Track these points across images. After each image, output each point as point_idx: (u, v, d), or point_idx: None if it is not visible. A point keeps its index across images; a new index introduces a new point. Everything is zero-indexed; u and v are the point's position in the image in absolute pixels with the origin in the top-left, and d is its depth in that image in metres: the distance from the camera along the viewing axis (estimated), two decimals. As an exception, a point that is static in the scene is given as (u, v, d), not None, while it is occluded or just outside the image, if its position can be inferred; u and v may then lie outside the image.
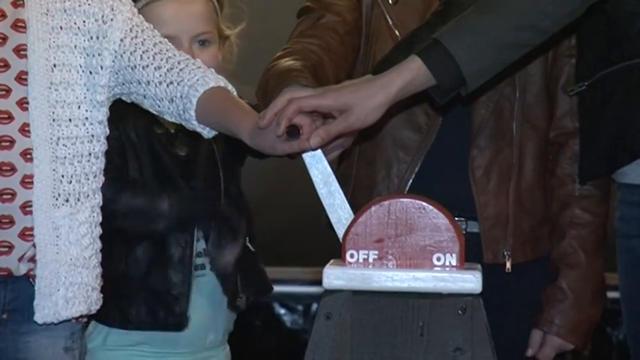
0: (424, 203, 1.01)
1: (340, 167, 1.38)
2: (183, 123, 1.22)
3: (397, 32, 1.34)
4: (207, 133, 1.21)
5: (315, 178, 1.08)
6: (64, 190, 1.19)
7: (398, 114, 1.31)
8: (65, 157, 1.20)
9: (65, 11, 1.24)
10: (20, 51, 1.20)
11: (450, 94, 1.14)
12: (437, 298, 1.02)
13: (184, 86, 1.18)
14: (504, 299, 1.37)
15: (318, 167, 1.09)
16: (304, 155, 1.07)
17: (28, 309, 1.19)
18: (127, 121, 1.39)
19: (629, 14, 1.23)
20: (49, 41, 1.22)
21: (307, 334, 1.09)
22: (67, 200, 1.20)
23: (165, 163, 1.41)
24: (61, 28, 1.23)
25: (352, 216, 1.05)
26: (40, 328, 1.19)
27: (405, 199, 1.02)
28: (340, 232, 1.04)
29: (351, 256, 1.03)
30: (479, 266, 1.02)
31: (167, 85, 1.20)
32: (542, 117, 1.39)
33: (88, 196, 1.23)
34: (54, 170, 1.18)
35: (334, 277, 1.02)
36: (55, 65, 1.21)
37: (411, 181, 1.36)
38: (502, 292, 1.36)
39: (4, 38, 1.20)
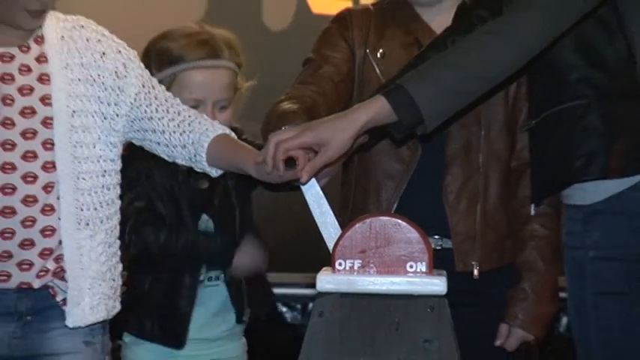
0: (399, 220, 1.17)
1: (341, 192, 1.57)
2: (193, 165, 1.38)
3: (384, 80, 1.52)
4: (215, 172, 1.38)
5: (309, 201, 1.25)
6: (84, 217, 1.35)
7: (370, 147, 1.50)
8: (85, 189, 1.35)
9: (82, 65, 1.38)
10: (45, 100, 1.34)
11: (408, 131, 1.30)
12: (410, 299, 1.16)
13: (195, 134, 1.35)
14: (475, 300, 1.54)
15: (312, 192, 1.25)
16: (301, 185, 1.24)
17: (48, 312, 1.35)
18: (149, 160, 1.54)
19: (569, 65, 1.39)
20: (69, 91, 1.35)
21: (304, 328, 1.26)
22: (88, 224, 1.35)
23: (187, 199, 1.60)
24: (79, 79, 1.37)
25: (340, 231, 1.20)
26: (60, 325, 1.35)
27: (384, 217, 1.18)
28: (330, 245, 1.20)
29: (340, 264, 1.18)
30: (444, 272, 1.18)
31: (180, 134, 1.36)
32: (505, 150, 1.57)
33: (102, 221, 1.38)
34: (76, 200, 1.34)
35: (326, 281, 1.18)
36: (74, 112, 1.35)
37: (396, 204, 1.53)
38: (472, 295, 1.54)
39: (31, 89, 1.34)
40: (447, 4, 1.57)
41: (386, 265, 1.18)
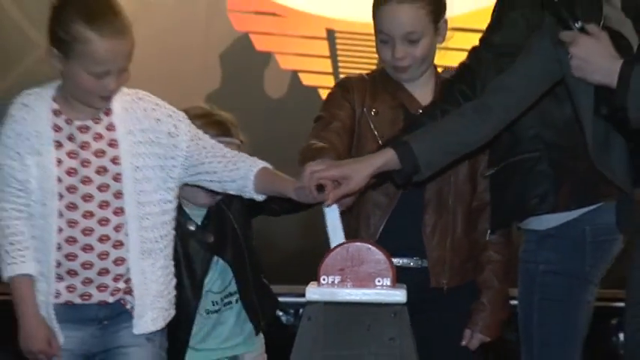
0: (370, 245, 1.48)
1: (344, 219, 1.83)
2: (242, 194, 1.68)
3: (376, 133, 1.85)
4: (261, 197, 1.67)
5: (328, 221, 1.56)
6: (147, 249, 1.64)
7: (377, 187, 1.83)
8: (148, 227, 1.64)
9: (142, 130, 1.65)
10: (115, 160, 1.62)
11: (408, 177, 1.65)
12: (378, 307, 1.46)
13: (242, 170, 1.65)
14: (444, 310, 1.87)
15: (332, 214, 1.56)
16: (324, 206, 1.56)
17: (120, 317, 1.65)
18: None
19: (526, 125, 1.78)
20: (133, 152, 1.64)
21: (296, 329, 1.55)
22: (150, 254, 1.65)
23: (196, 256, 1.88)
24: (140, 142, 1.65)
25: None
26: (128, 326, 1.66)
27: (358, 243, 1.49)
28: None
29: (324, 279, 1.47)
30: (405, 286, 1.48)
31: (229, 172, 1.66)
32: (468, 193, 1.90)
33: (161, 250, 1.67)
34: (141, 236, 1.63)
35: (313, 292, 1.47)
36: (137, 167, 1.63)
37: (381, 228, 1.84)
38: (442, 304, 1.87)
39: (103, 152, 1.62)
40: (423, 78, 1.90)
41: (359, 280, 1.48)
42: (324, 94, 3.20)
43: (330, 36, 3.78)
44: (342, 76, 3.60)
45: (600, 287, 1.85)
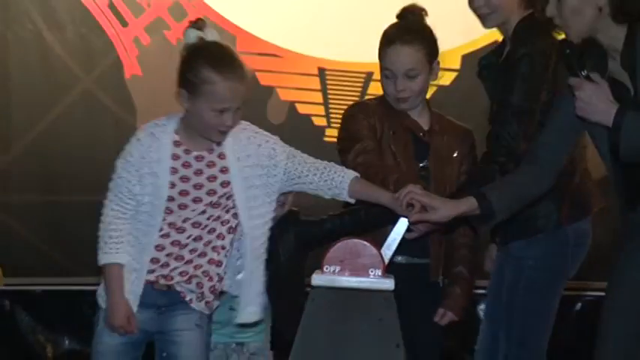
0: (364, 242, 1.79)
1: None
2: (336, 197, 2.00)
3: (394, 149, 2.18)
4: (353, 201, 2.00)
5: (393, 231, 1.92)
6: (257, 254, 1.98)
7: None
8: (256, 236, 1.97)
9: (249, 156, 1.95)
10: (224, 184, 1.93)
11: (483, 222, 2.01)
12: (371, 292, 1.76)
13: (336, 180, 1.97)
14: (438, 296, 2.23)
15: (400, 227, 1.91)
16: (402, 218, 1.90)
17: (176, 306, 1.94)
18: None
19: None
20: (241, 175, 1.94)
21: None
22: (258, 258, 1.98)
23: None
24: (247, 166, 1.95)
25: (392, 252, 1.89)
26: (182, 312, 1.94)
27: (356, 240, 1.80)
28: (385, 259, 1.86)
29: (327, 268, 1.78)
30: (392, 276, 1.79)
31: (324, 181, 1.97)
32: None
33: (263, 255, 1.99)
34: (253, 243, 1.96)
35: (318, 279, 1.78)
36: (247, 187, 1.94)
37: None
38: (433, 296, 2.23)
39: (215, 177, 1.93)
40: (419, 108, 2.25)
41: (356, 270, 1.79)
42: (316, 120, 4.13)
43: (322, 73, 4.32)
44: (331, 106, 4.18)
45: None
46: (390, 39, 2.21)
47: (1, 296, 3.81)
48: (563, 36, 1.94)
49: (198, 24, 1.97)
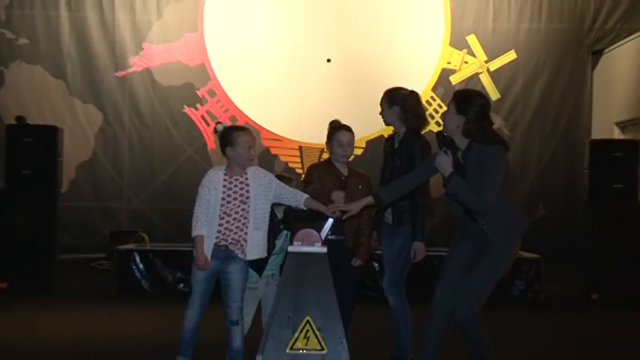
0: (312, 230, 3.62)
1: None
2: (298, 206, 4.04)
3: (328, 185, 4.35)
4: (305, 208, 4.02)
5: (326, 224, 3.82)
6: (258, 226, 4.00)
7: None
8: (258, 219, 4.03)
9: (260, 184, 4.04)
10: (245, 198, 3.98)
11: (378, 206, 4.07)
12: (315, 254, 3.57)
13: (297, 198, 4.04)
14: (352, 254, 4.29)
15: (328, 222, 3.86)
16: (330, 218, 3.86)
17: (229, 257, 3.98)
18: None
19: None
20: (255, 190, 4.00)
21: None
22: (258, 230, 4.01)
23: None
24: (258, 185, 4.04)
25: (325, 234, 3.80)
26: (232, 261, 3.98)
27: (308, 229, 3.63)
28: (322, 237, 3.73)
29: (295, 243, 3.59)
30: (326, 246, 3.60)
31: (292, 199, 4.06)
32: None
33: (263, 227, 4.02)
34: (255, 223, 4.03)
35: (291, 248, 3.60)
36: (257, 196, 4.00)
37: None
38: (351, 253, 4.28)
39: (242, 190, 4.03)
40: (344, 164, 4.38)
41: (308, 243, 3.61)
42: (298, 170, 9.46)
43: (300, 148, 9.77)
44: (305, 163, 9.44)
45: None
46: (338, 127, 4.33)
47: (149, 252, 7.22)
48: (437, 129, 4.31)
49: (221, 122, 4.11)
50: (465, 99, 3.75)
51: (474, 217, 3.71)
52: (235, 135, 3.98)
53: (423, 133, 4.39)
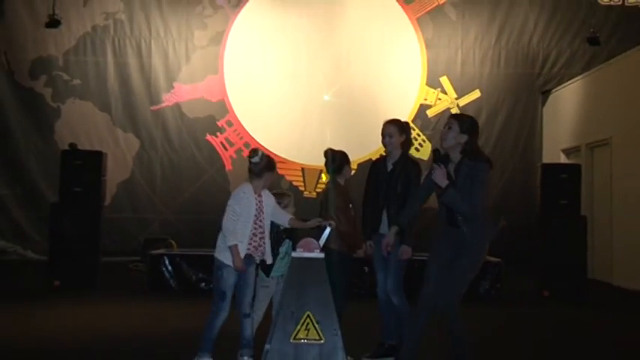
0: (312, 239, 3.65)
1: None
2: (283, 225, 4.00)
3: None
4: (289, 226, 4.01)
5: (324, 233, 3.81)
6: (268, 240, 3.97)
7: None
8: (267, 237, 3.96)
9: (268, 203, 3.97)
10: (262, 210, 3.92)
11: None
12: (314, 259, 3.54)
13: (284, 218, 3.97)
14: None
15: (325, 232, 3.84)
16: (327, 227, 3.82)
17: (250, 262, 3.89)
18: None
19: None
20: (267, 207, 3.95)
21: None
22: (267, 239, 3.97)
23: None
24: (267, 203, 4.00)
25: (323, 242, 3.79)
26: (250, 265, 3.87)
27: (308, 238, 3.66)
28: (320, 245, 3.73)
29: (297, 249, 3.59)
30: (323, 253, 3.60)
31: (281, 219, 3.98)
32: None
33: (267, 238, 3.95)
34: (254, 236, 3.91)
35: (294, 254, 3.58)
36: (267, 208, 4.00)
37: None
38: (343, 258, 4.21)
39: (261, 206, 3.95)
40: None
41: (309, 250, 3.60)
42: (300, 187, 9.32)
43: (302, 170, 9.31)
44: (306, 182, 9.47)
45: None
46: (347, 160, 4.35)
47: (176, 256, 7.11)
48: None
49: (257, 149, 4.02)
50: (470, 122, 3.73)
51: (454, 224, 3.69)
52: (275, 165, 4.04)
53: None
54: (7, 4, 10.23)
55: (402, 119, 4.46)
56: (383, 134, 4.30)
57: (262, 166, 3.93)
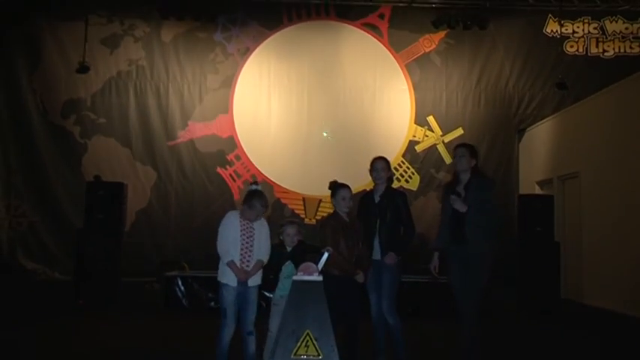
0: (311, 263, 3.68)
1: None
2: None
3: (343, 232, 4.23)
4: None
5: (323, 258, 3.71)
6: (251, 260, 3.96)
7: None
8: (257, 251, 3.99)
9: (261, 230, 4.01)
10: (253, 235, 3.93)
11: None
12: (313, 282, 3.53)
13: (263, 252, 3.99)
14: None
15: (324, 257, 3.72)
16: (325, 252, 3.75)
17: (246, 285, 3.90)
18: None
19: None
20: (258, 232, 3.96)
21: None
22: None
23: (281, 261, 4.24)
24: (260, 228, 4.00)
25: (321, 266, 3.67)
26: (249, 286, 3.89)
27: (308, 262, 3.71)
28: (319, 268, 3.68)
29: (299, 273, 3.57)
30: (322, 276, 3.64)
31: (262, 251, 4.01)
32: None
33: (249, 260, 3.96)
34: (257, 251, 4.00)
35: (296, 277, 3.55)
36: (259, 234, 3.98)
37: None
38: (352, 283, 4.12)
39: (251, 230, 3.97)
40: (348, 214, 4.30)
41: (309, 274, 3.61)
42: (301, 214, 9.32)
43: (303, 199, 9.28)
44: (307, 211, 9.39)
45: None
46: (342, 186, 4.25)
47: (188, 277, 7.10)
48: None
49: (255, 181, 4.11)
50: (475, 149, 4.35)
51: (460, 241, 3.98)
52: (257, 203, 4.01)
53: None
54: (44, 53, 10.46)
55: (384, 155, 4.62)
56: (374, 168, 4.38)
57: (264, 200, 4.04)
